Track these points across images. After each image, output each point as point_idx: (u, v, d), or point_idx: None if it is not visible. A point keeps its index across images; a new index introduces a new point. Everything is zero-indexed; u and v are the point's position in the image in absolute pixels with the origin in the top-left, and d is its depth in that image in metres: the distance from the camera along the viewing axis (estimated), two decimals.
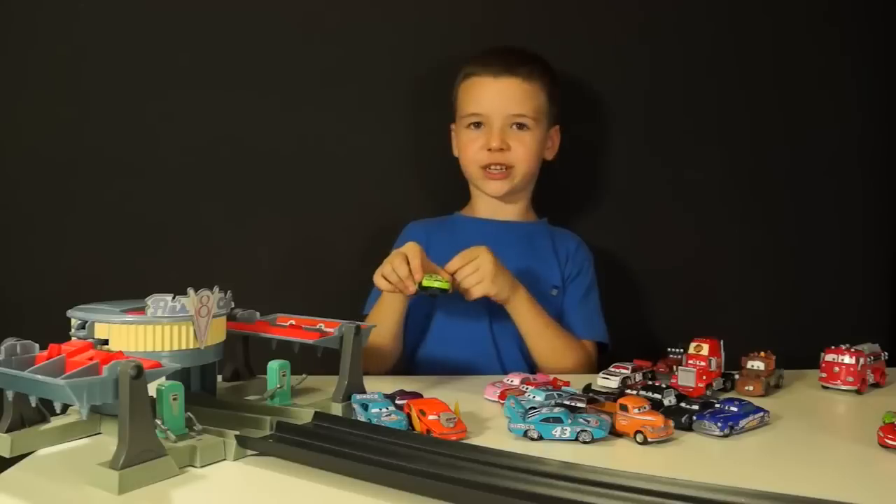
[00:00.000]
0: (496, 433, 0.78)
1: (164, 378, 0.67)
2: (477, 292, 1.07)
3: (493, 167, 1.22)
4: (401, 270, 1.03)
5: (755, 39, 1.44)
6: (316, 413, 0.75)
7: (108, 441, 0.72)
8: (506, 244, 1.24)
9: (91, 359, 0.63)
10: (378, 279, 1.06)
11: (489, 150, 1.21)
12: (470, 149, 1.23)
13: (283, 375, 0.83)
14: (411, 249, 1.04)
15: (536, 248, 1.28)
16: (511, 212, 1.28)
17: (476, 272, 1.06)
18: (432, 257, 1.11)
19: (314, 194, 1.35)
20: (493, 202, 1.27)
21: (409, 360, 1.23)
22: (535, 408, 0.78)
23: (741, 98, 1.44)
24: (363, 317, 1.20)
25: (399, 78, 1.36)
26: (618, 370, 0.97)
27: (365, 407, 0.79)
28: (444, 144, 1.31)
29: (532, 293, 1.16)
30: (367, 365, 1.10)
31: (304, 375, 0.91)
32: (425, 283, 1.02)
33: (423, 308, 1.21)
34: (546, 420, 0.75)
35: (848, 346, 1.00)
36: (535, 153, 1.24)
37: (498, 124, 1.21)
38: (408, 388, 0.89)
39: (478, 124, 1.23)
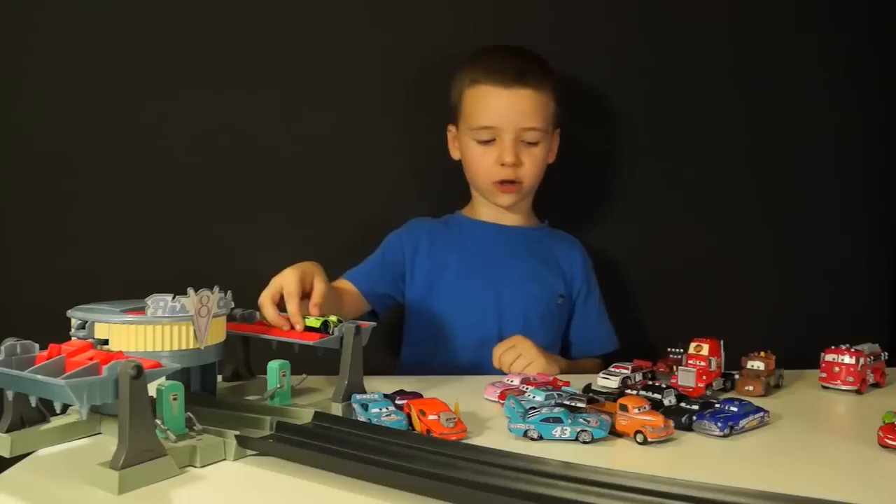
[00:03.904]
0: (496, 433, 0.78)
1: (164, 378, 0.67)
2: (530, 373, 1.06)
3: (505, 182, 1.21)
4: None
5: (755, 38, 1.44)
6: (316, 413, 0.75)
7: (108, 441, 0.72)
8: (511, 249, 1.26)
9: (91, 359, 0.63)
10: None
11: (502, 164, 1.18)
12: (482, 163, 1.21)
13: (283, 375, 0.83)
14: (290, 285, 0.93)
15: (540, 255, 1.28)
16: (514, 217, 1.28)
17: (521, 357, 1.06)
18: (435, 258, 1.14)
19: (314, 194, 1.35)
20: (497, 207, 1.27)
21: (417, 362, 1.23)
22: (535, 408, 0.78)
23: (741, 98, 1.44)
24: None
25: (396, 77, 1.36)
26: (618, 370, 0.97)
27: (365, 407, 0.79)
28: (441, 144, 1.30)
29: (539, 301, 1.19)
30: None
31: (304, 375, 0.91)
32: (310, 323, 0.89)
33: (430, 311, 1.22)
34: (546, 420, 0.75)
35: (848, 346, 1.00)
36: (543, 165, 1.23)
37: (510, 137, 1.18)
38: (408, 388, 0.89)
39: (488, 138, 1.19)
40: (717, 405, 0.81)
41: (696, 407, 0.80)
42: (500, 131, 1.18)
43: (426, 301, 1.23)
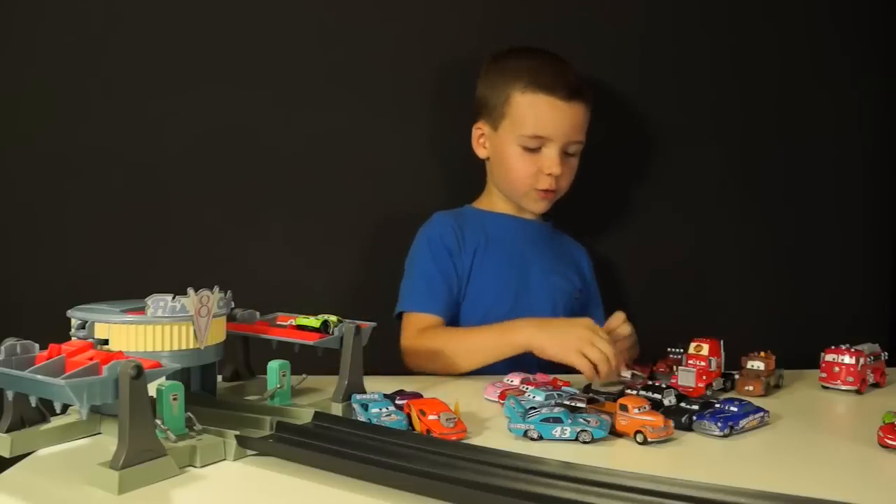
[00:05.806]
0: (496, 433, 0.78)
1: (164, 378, 0.67)
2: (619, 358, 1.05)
3: (547, 189, 1.21)
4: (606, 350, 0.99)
5: (754, 39, 1.44)
6: (316, 413, 0.75)
7: (108, 441, 0.72)
8: (532, 242, 1.27)
9: (91, 359, 0.63)
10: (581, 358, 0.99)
11: (548, 174, 1.19)
12: (524, 169, 1.20)
13: (283, 375, 0.83)
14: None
15: (558, 250, 1.30)
16: (529, 213, 1.29)
17: (624, 340, 1.08)
18: (463, 248, 1.19)
19: (314, 193, 1.35)
20: (511, 200, 1.27)
21: None
22: (535, 408, 0.78)
23: (740, 98, 1.44)
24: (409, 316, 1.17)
25: (408, 74, 1.36)
26: None
27: (365, 407, 0.79)
28: (453, 141, 1.30)
29: (564, 294, 1.21)
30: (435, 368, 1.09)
31: (304, 375, 0.91)
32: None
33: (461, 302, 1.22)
34: (546, 420, 0.75)
35: (848, 346, 1.00)
36: (574, 174, 1.25)
37: (557, 148, 1.18)
38: (408, 388, 0.89)
39: (536, 146, 1.19)
40: (717, 405, 0.81)
41: (696, 407, 0.80)
42: (548, 141, 1.19)
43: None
